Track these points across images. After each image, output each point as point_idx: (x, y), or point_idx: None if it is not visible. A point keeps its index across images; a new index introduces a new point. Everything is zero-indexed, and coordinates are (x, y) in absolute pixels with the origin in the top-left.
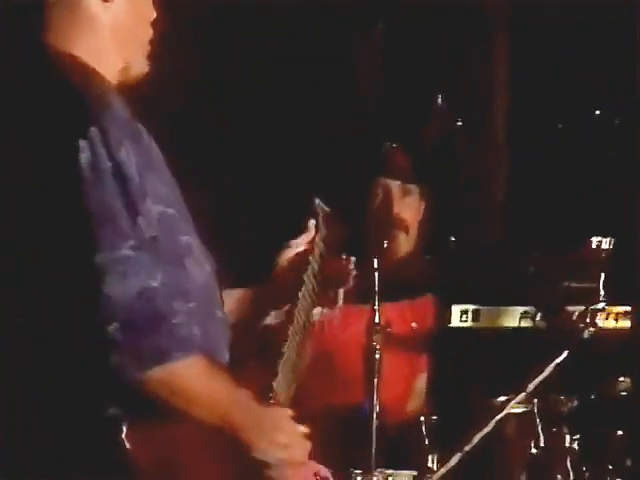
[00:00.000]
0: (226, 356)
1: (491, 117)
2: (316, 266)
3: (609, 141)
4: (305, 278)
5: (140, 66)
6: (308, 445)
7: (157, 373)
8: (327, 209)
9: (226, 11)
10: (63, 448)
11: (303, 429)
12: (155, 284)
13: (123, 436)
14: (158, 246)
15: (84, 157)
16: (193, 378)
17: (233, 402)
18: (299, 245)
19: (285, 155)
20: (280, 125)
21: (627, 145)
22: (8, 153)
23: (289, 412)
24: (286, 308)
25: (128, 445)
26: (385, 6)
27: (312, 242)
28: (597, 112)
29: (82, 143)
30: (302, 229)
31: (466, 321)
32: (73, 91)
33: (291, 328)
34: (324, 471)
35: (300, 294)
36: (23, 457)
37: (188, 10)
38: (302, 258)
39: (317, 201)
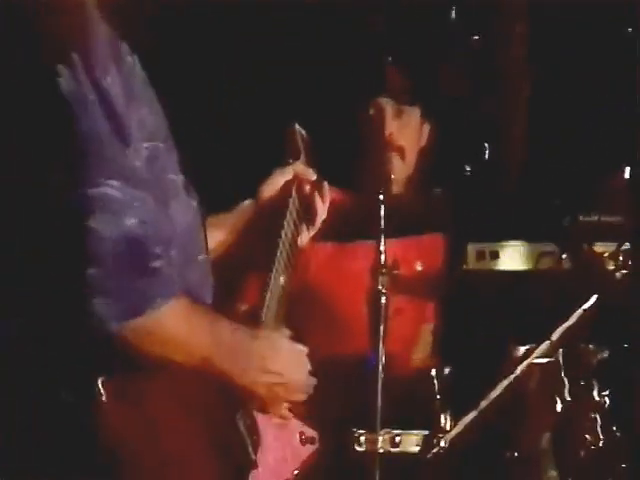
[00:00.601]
0: (208, 301)
1: (512, 31)
2: (297, 196)
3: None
4: (288, 211)
5: None
6: (307, 366)
7: (140, 321)
8: (305, 134)
9: None
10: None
11: (302, 348)
12: (141, 225)
13: (101, 391)
14: (145, 185)
15: (65, 85)
16: (174, 321)
17: (215, 336)
18: (283, 174)
19: (269, 76)
20: (266, 44)
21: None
22: None
23: (285, 332)
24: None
25: (105, 399)
26: None
27: (295, 171)
28: (630, 30)
29: (62, 70)
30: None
31: (483, 262)
32: (47, 10)
33: (275, 262)
34: (310, 431)
35: (283, 228)
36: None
37: None
38: (286, 188)
39: (296, 126)
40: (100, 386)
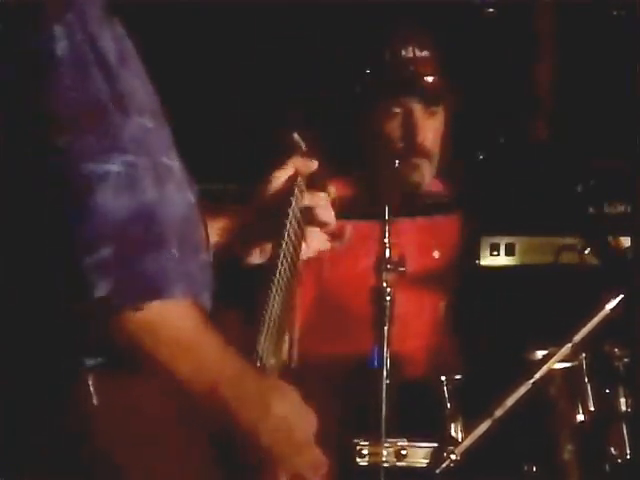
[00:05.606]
0: (208, 306)
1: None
2: (300, 198)
3: None
4: (290, 212)
5: None
6: (314, 427)
7: (144, 314)
8: (304, 145)
9: None
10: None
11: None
12: (150, 202)
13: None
14: (143, 161)
15: (61, 46)
16: (182, 327)
17: (225, 365)
18: (284, 170)
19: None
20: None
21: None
22: None
23: (293, 391)
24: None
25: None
26: None
27: (295, 165)
28: None
29: (58, 29)
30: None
31: (498, 257)
32: None
33: (275, 276)
34: None
35: (285, 230)
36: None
37: None
38: (287, 189)
39: (295, 136)
40: (90, 385)
